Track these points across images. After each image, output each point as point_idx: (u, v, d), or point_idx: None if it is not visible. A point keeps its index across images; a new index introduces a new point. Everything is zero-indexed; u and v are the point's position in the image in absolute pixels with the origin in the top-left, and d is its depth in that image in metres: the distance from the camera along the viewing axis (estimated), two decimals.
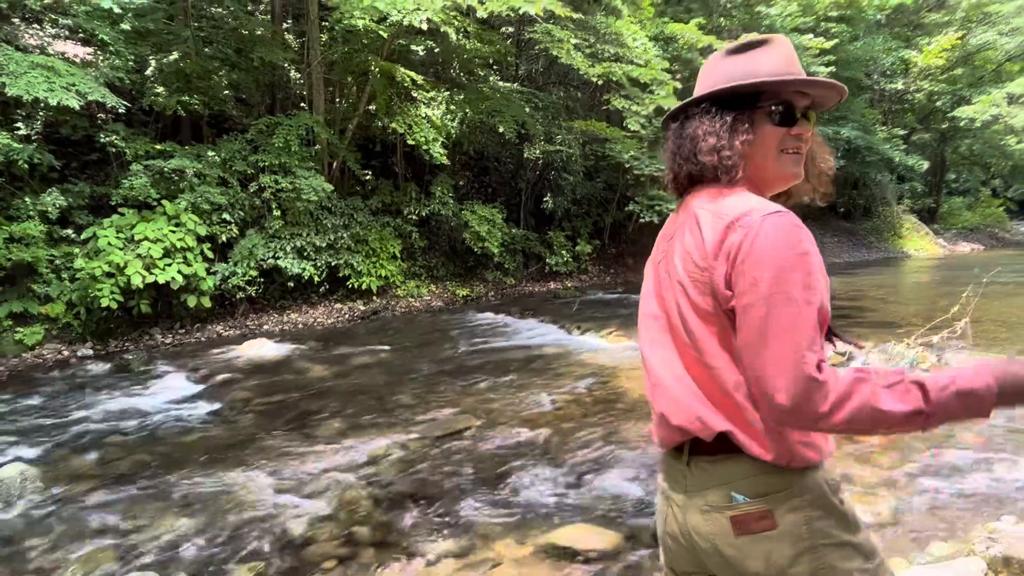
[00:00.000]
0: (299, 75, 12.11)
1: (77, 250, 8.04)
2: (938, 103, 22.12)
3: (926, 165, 21.85)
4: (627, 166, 13.09)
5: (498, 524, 3.36)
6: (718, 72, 1.17)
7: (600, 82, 12.47)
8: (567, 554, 3.03)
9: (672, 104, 12.46)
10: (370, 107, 11.22)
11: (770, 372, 0.95)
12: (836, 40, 16.54)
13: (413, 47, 11.64)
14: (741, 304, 1.00)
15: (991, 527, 2.68)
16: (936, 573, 2.31)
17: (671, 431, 1.15)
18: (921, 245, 21.86)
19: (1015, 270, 13.55)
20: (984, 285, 7.57)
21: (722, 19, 16.14)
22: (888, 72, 21.48)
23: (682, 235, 1.14)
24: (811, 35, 16.03)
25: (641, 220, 14.01)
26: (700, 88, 1.19)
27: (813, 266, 0.98)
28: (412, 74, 10.24)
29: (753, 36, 1.17)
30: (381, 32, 9.60)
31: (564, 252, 13.54)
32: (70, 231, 8.24)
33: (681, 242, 1.13)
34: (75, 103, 7.22)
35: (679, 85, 13.39)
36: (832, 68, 16.17)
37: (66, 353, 7.86)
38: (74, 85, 7.33)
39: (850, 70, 18.58)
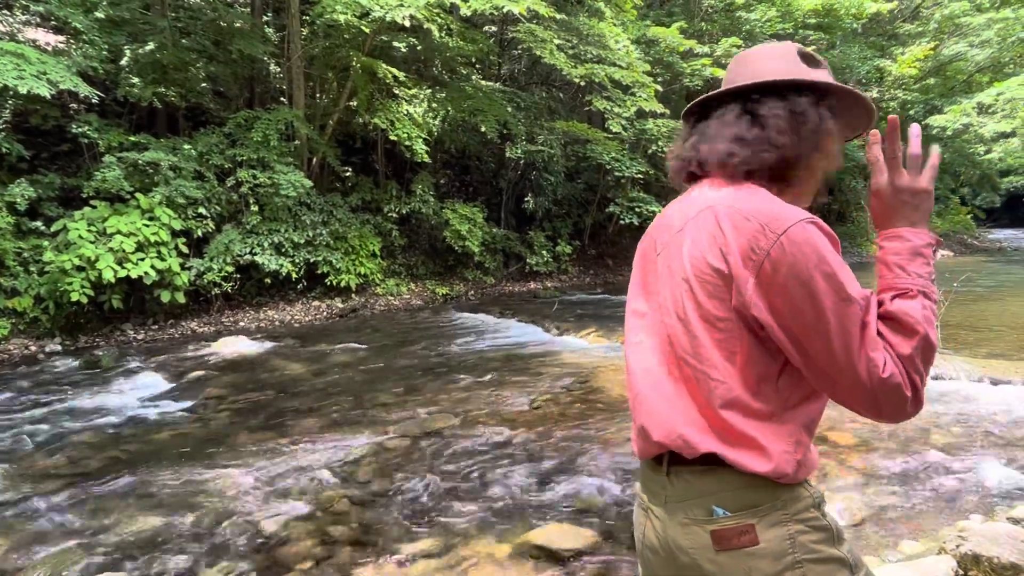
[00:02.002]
0: (279, 69, 11.96)
1: (46, 243, 7.84)
2: (911, 112, 22.58)
3: None
4: (608, 167, 13.16)
5: (475, 523, 3.35)
6: (802, 72, 1.09)
7: (582, 83, 12.50)
8: (544, 553, 3.02)
9: (653, 107, 12.62)
10: (351, 103, 11.12)
11: (850, 394, 0.96)
12: (814, 47, 16.81)
13: (395, 43, 11.57)
14: (789, 323, 0.95)
15: (961, 526, 2.74)
16: (908, 571, 2.35)
17: (651, 445, 1.10)
18: None
19: (984, 276, 13.90)
20: (953, 291, 7.75)
21: (703, 23, 16.30)
22: (863, 80, 21.88)
23: (695, 229, 1.05)
24: (789, 42, 16.25)
25: (621, 222, 14.08)
26: (776, 74, 1.09)
27: (844, 268, 0.96)
28: (394, 71, 10.17)
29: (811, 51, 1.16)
30: (363, 27, 9.53)
31: (544, 252, 13.56)
32: (39, 223, 8.03)
33: (692, 237, 1.05)
34: (46, 92, 7.04)
35: (660, 88, 13.50)
36: None
37: (33, 348, 7.66)
38: (45, 73, 7.15)
39: None
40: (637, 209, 13.62)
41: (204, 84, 10.48)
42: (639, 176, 13.39)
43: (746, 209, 0.99)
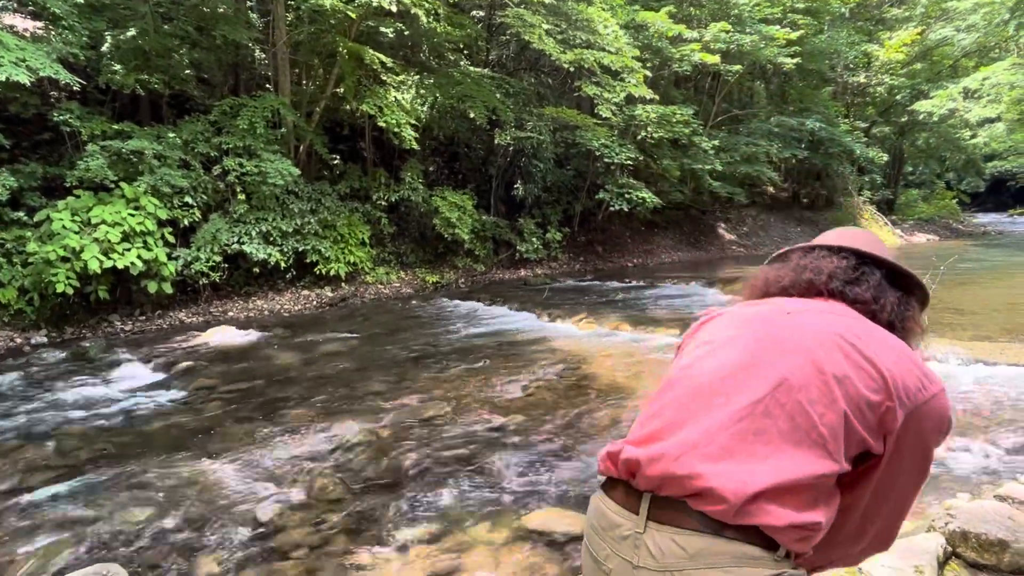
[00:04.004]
0: (264, 55, 11.78)
1: (29, 233, 7.71)
2: (898, 97, 22.68)
3: (886, 157, 22.44)
4: (597, 154, 13.12)
5: (470, 509, 3.36)
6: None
7: (571, 69, 12.44)
8: (539, 538, 3.04)
9: (643, 92, 12.57)
10: (337, 90, 10.99)
11: (896, 528, 1.15)
12: (802, 32, 16.80)
13: (382, 29, 11.42)
14: (902, 453, 1.05)
15: (948, 504, 2.78)
16: (897, 548, 2.38)
17: (668, 473, 0.97)
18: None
19: (968, 259, 14.07)
20: (941, 273, 7.84)
21: (692, 8, 16.23)
22: (851, 65, 21.93)
23: (859, 332, 1.07)
24: (778, 26, 16.25)
25: (611, 208, 14.08)
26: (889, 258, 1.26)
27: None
28: (381, 56, 10.06)
29: None
30: (349, 12, 9.40)
31: (534, 239, 13.54)
32: (22, 213, 7.90)
33: (858, 335, 1.06)
34: (25, 79, 6.89)
35: (649, 73, 13.46)
36: (798, 60, 16.43)
37: (19, 341, 7.57)
38: (24, 60, 6.99)
39: (815, 62, 18.91)
40: (627, 195, 13.62)
41: (188, 71, 10.30)
42: (629, 162, 13.37)
43: (914, 354, 1.10)
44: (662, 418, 1.06)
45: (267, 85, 11.57)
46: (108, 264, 7.73)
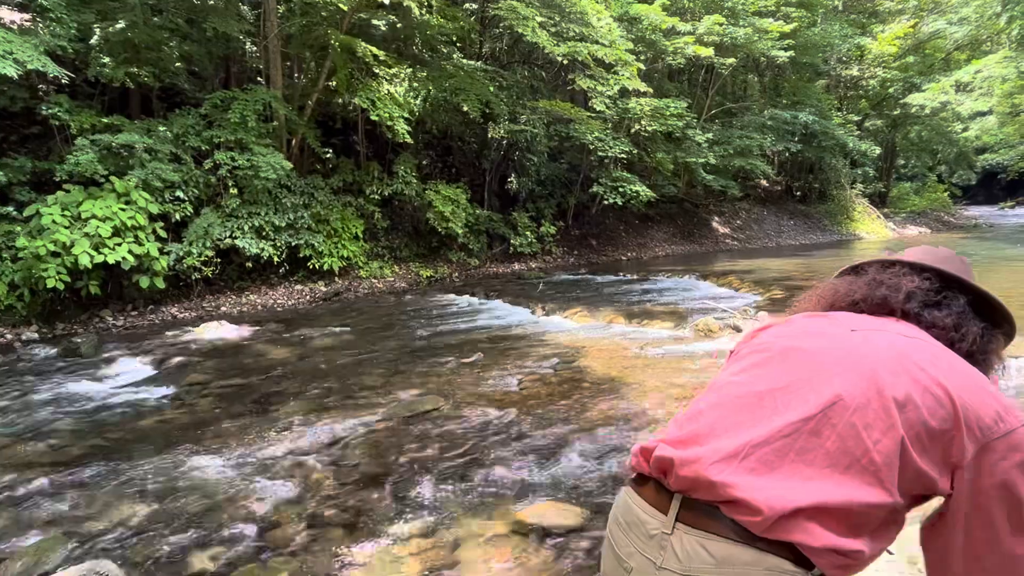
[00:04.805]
0: (255, 48, 11.69)
1: (19, 228, 7.64)
2: (890, 90, 22.76)
3: (878, 151, 22.52)
4: (591, 147, 13.11)
5: (465, 503, 3.36)
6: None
7: (565, 62, 12.41)
8: (534, 531, 3.05)
9: (636, 86, 12.57)
10: (330, 83, 10.91)
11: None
12: (795, 25, 16.80)
13: (374, 21, 11.35)
14: (983, 498, 0.92)
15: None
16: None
17: (702, 477, 0.93)
18: (872, 228, 22.61)
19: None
20: None
21: (686, 1, 16.20)
22: (844, 58, 21.97)
23: (932, 357, 0.99)
24: (771, 19, 16.24)
25: (605, 202, 14.08)
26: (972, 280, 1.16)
27: None
28: (373, 49, 9.99)
29: None
30: (341, 5, 9.34)
31: (528, 233, 13.53)
32: (10, 208, 7.82)
33: (929, 358, 0.98)
34: (13, 72, 6.81)
35: (643, 66, 13.44)
36: (792, 53, 16.44)
37: (9, 336, 7.51)
38: (12, 53, 6.90)
39: (808, 55, 18.93)
40: (621, 189, 13.62)
41: (178, 64, 10.21)
42: (622, 156, 13.36)
43: (992, 386, 0.99)
44: (702, 422, 1.01)
45: (258, 78, 11.49)
46: (99, 259, 7.67)
